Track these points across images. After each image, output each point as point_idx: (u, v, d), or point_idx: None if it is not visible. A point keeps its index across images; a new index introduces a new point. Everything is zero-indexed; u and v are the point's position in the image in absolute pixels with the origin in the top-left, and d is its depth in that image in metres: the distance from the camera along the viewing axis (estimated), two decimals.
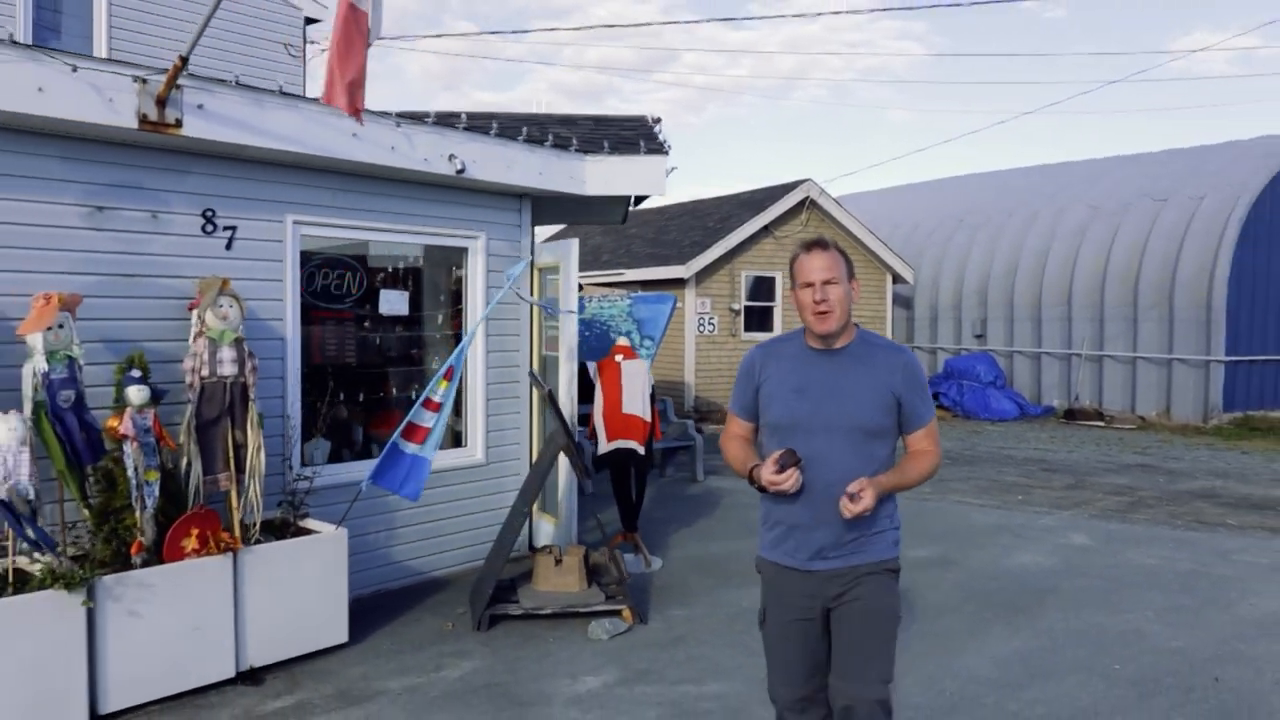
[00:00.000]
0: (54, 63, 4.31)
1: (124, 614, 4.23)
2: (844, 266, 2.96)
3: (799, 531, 2.96)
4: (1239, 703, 4.51)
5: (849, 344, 2.99)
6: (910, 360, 3.00)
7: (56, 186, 4.64)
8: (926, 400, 3.00)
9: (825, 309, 2.89)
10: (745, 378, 3.12)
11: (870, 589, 2.93)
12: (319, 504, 5.42)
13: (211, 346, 4.73)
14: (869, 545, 2.96)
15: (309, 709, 4.42)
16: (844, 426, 2.88)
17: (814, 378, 2.95)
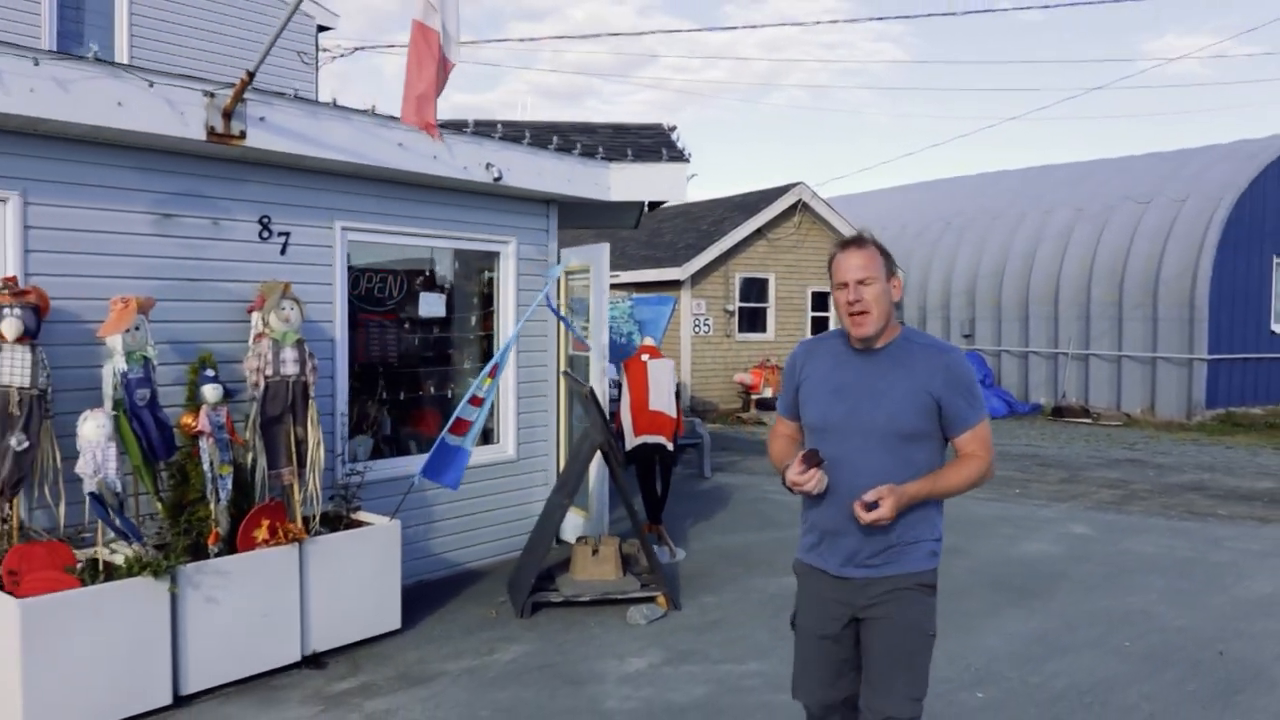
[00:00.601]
0: (132, 78, 4.54)
1: (202, 600, 4.47)
2: (882, 264, 2.83)
3: (830, 536, 2.88)
4: (1243, 674, 4.84)
5: (890, 343, 2.86)
6: (954, 360, 2.83)
7: (128, 195, 4.87)
8: (974, 402, 2.83)
9: (860, 309, 2.78)
10: (788, 376, 3.05)
11: (901, 605, 2.81)
12: (366, 497, 5.66)
13: (275, 347, 4.97)
14: (902, 556, 2.83)
15: (374, 690, 4.67)
16: (879, 430, 2.77)
17: (851, 378, 2.85)
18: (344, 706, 4.46)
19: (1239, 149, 17.24)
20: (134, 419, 4.54)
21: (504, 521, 6.92)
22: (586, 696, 4.59)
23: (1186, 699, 4.53)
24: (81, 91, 4.36)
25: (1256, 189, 16.25)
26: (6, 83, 4.13)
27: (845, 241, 2.89)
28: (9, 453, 4.24)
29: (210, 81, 4.85)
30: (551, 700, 4.55)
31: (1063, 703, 4.48)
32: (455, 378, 7.03)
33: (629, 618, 5.69)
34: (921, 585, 2.84)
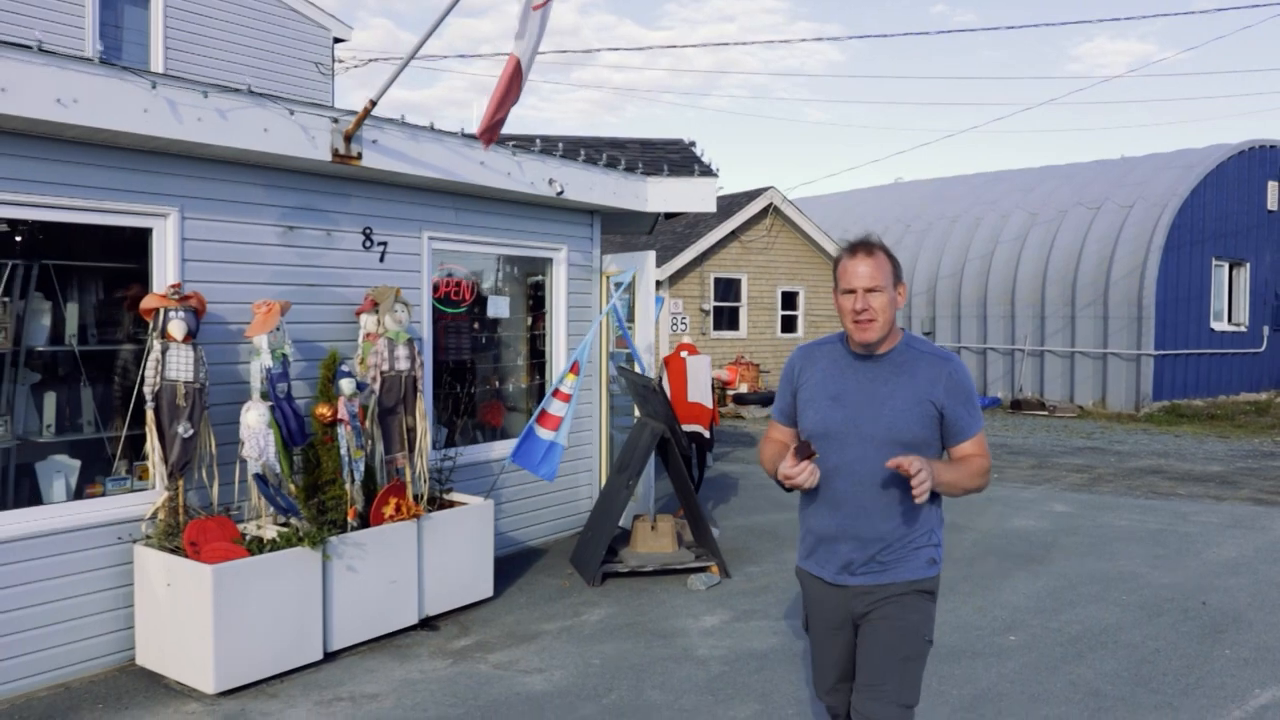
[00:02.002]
0: (276, 107, 5.12)
1: (344, 569, 5.07)
2: (890, 271, 2.77)
3: (826, 543, 2.85)
4: (1224, 618, 5.73)
5: (891, 350, 2.82)
6: (956, 369, 2.80)
7: (259, 210, 5.44)
8: (973, 411, 2.80)
9: (867, 318, 2.73)
10: (785, 381, 2.99)
11: (900, 607, 2.78)
12: (453, 479, 6.29)
13: (390, 345, 5.59)
14: (901, 563, 2.79)
15: (489, 646, 5.32)
16: (879, 437, 2.72)
17: (851, 385, 2.80)
18: (469, 660, 5.11)
19: (1180, 158, 18.54)
20: (276, 410, 5.12)
21: (557, 504, 7.59)
22: (678, 646, 5.29)
23: (1182, 637, 5.39)
24: (237, 119, 4.94)
25: (1197, 196, 17.53)
26: (180, 113, 4.69)
27: (854, 246, 2.79)
28: (177, 439, 4.80)
29: (339, 109, 5.44)
30: (649, 650, 5.24)
31: (1082, 642, 5.31)
32: (513, 372, 7.67)
33: (689, 584, 6.41)
34: (921, 591, 2.79)
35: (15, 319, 4.81)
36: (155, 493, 4.95)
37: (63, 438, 4.99)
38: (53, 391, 4.99)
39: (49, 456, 4.92)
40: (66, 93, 4.28)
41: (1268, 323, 19.38)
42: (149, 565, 4.73)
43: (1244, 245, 18.72)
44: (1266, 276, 19.36)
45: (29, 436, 4.91)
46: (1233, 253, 18.55)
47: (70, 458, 4.96)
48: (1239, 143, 18.30)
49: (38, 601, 4.56)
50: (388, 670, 4.94)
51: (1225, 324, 18.65)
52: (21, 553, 4.51)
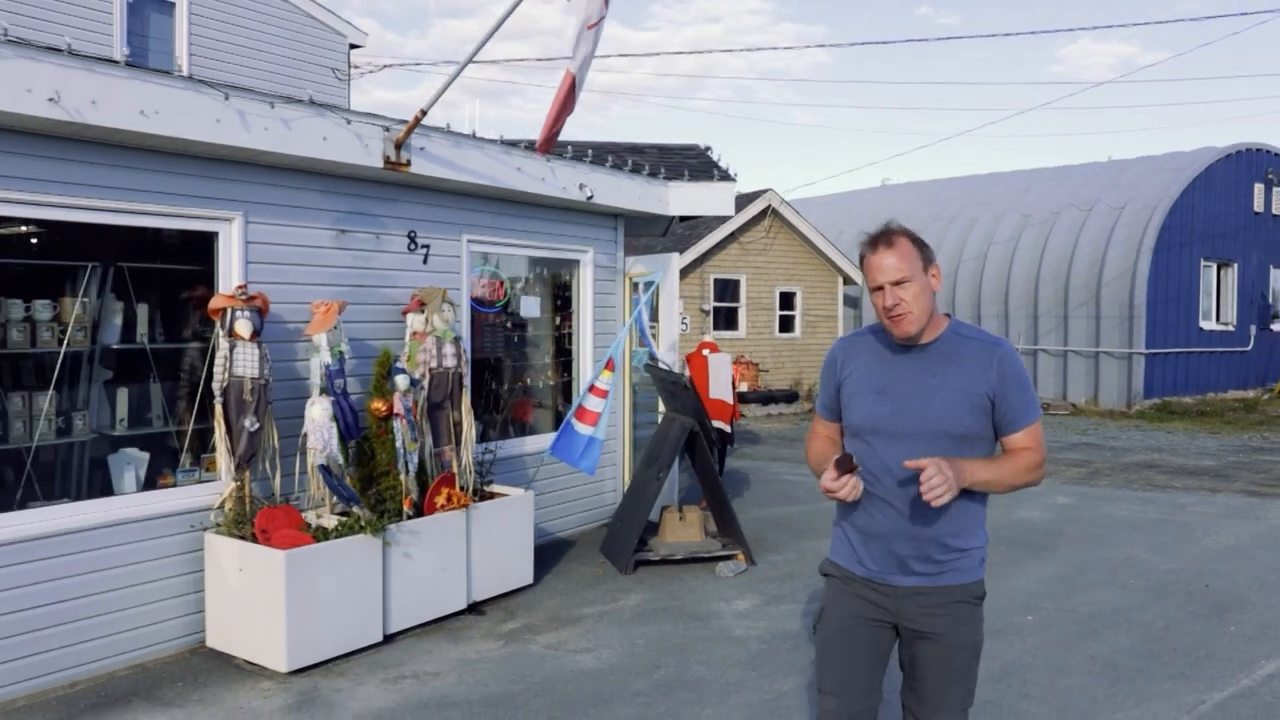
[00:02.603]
0: (334, 116, 5.39)
1: (401, 555, 5.34)
2: (917, 258, 2.62)
3: (876, 541, 2.70)
4: (1227, 599, 6.07)
5: (937, 338, 2.68)
6: (1007, 354, 2.65)
7: (315, 214, 5.70)
8: (1027, 398, 2.65)
9: (900, 312, 2.60)
10: (828, 375, 2.86)
11: (956, 620, 2.67)
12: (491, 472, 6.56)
13: (437, 343, 5.86)
14: (956, 566, 2.67)
15: (536, 629, 5.59)
16: (929, 431, 2.59)
17: (896, 377, 2.68)
18: (520, 641, 5.39)
19: (1170, 161, 18.96)
20: (334, 405, 5.39)
21: (584, 497, 7.87)
22: (714, 628, 5.59)
23: (1189, 616, 5.73)
24: (299, 128, 5.21)
25: (1186, 199, 17.95)
26: (249, 122, 4.96)
27: (874, 239, 2.65)
28: (244, 432, 5.06)
29: (390, 119, 5.71)
30: (687, 630, 5.53)
31: (1095, 621, 5.63)
32: (541, 370, 7.95)
33: (718, 571, 6.70)
34: (974, 597, 2.71)
35: (93, 319, 5.06)
36: (222, 483, 5.21)
37: (133, 432, 5.25)
38: (124, 388, 5.24)
39: (120, 449, 5.17)
40: (149, 104, 4.55)
41: (1254, 322, 19.84)
42: (220, 552, 4.99)
43: (1232, 246, 19.16)
44: (1253, 277, 19.82)
45: (102, 430, 5.16)
46: (1221, 253, 18.98)
47: (140, 450, 5.22)
48: (1227, 146, 18.75)
49: (116, 587, 4.82)
50: (444, 651, 5.22)
51: (1214, 323, 19.08)
52: (101, 540, 4.76)
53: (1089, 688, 4.61)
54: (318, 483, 5.37)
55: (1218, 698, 4.48)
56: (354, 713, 4.41)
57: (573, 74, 5.29)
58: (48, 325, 4.80)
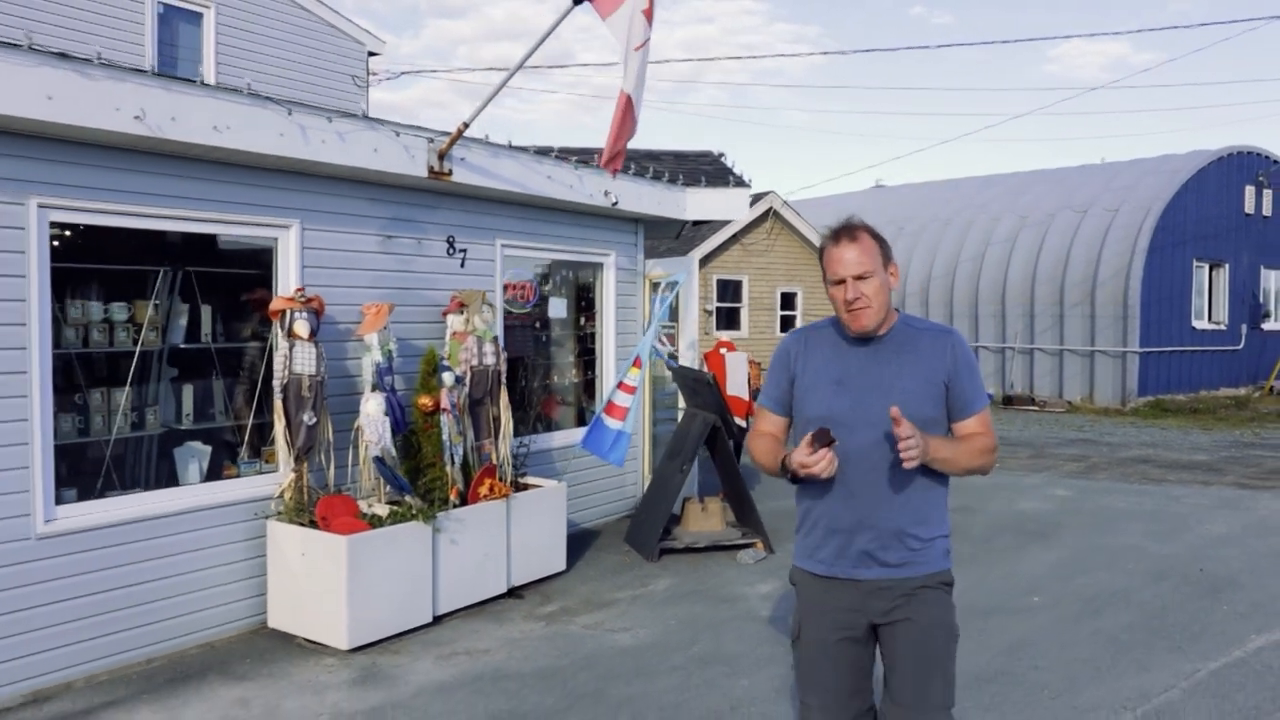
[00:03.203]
0: (384, 129, 5.74)
1: (448, 542, 5.69)
2: (878, 254, 2.67)
3: (839, 536, 2.70)
4: (1221, 581, 6.45)
5: (890, 330, 2.73)
6: (958, 341, 2.74)
7: (363, 221, 6.05)
8: (977, 384, 2.73)
9: (861, 306, 2.64)
10: (780, 367, 2.86)
11: (924, 606, 2.67)
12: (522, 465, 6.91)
13: (478, 342, 6.21)
14: (921, 556, 2.69)
15: (573, 611, 5.95)
16: (889, 421, 2.55)
17: (854, 369, 2.71)
18: (559, 622, 5.74)
19: (1163, 164, 19.39)
20: (386, 400, 5.73)
21: (607, 490, 8.23)
22: (741, 609, 5.95)
23: (1185, 597, 6.11)
24: (353, 141, 5.55)
25: (1179, 200, 18.37)
26: (308, 135, 5.30)
27: (836, 232, 2.71)
28: (302, 426, 5.41)
29: (434, 130, 6.06)
30: (716, 612, 5.89)
31: (1098, 601, 6.01)
32: (566, 368, 8.30)
33: (739, 559, 7.06)
34: (942, 583, 2.73)
35: (163, 320, 5.39)
36: (281, 474, 5.55)
37: (198, 426, 5.58)
38: (189, 384, 5.58)
39: (185, 443, 5.51)
40: (221, 120, 4.89)
41: (1245, 321, 20.27)
42: (281, 538, 5.34)
43: (1223, 247, 19.59)
44: (1244, 277, 20.26)
45: (170, 425, 5.49)
46: (1213, 254, 19.41)
47: (203, 444, 5.56)
48: (1219, 149, 19.18)
49: (185, 571, 5.15)
50: (490, 631, 5.57)
51: (1206, 322, 19.51)
52: (173, 527, 5.10)
53: (1094, 659, 4.99)
54: (369, 473, 5.71)
55: (1212, 667, 4.86)
56: (415, 686, 4.76)
57: (628, 95, 5.63)
58: (123, 326, 5.14)
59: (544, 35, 5.70)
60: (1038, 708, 4.39)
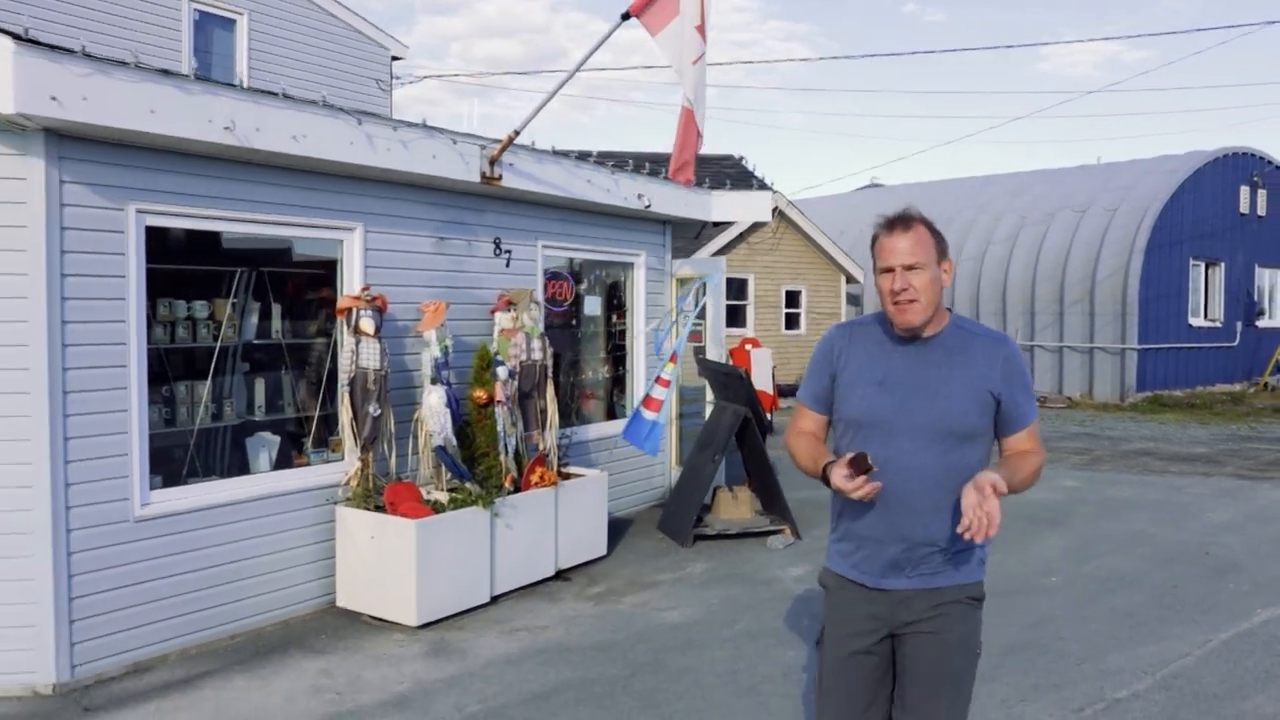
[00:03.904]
0: (442, 138, 6.08)
1: (504, 526, 6.04)
2: (933, 246, 2.56)
3: (871, 544, 2.62)
4: (1226, 564, 6.84)
5: (940, 332, 2.62)
6: (1012, 351, 2.62)
7: (419, 224, 6.39)
8: (1029, 397, 2.62)
9: (908, 299, 2.52)
10: (822, 363, 2.74)
11: (949, 623, 2.59)
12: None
13: (526, 339, 6.56)
14: (952, 566, 2.60)
15: (619, 592, 6.30)
16: (932, 428, 2.52)
17: (899, 370, 2.60)
18: (608, 602, 6.10)
19: (1161, 164, 19.81)
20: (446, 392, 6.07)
21: (636, 480, 8.59)
22: (777, 590, 6.31)
23: (1194, 578, 6.49)
24: (415, 148, 5.89)
25: (1176, 200, 18.79)
26: (375, 143, 5.65)
27: (891, 221, 2.60)
28: (368, 418, 5.75)
29: (486, 138, 6.40)
30: (754, 592, 6.26)
31: (1112, 581, 6.39)
32: (599, 364, 8.66)
33: (769, 544, 7.43)
34: (971, 599, 2.63)
35: (238, 317, 5.73)
36: (347, 463, 5.89)
37: (269, 417, 5.92)
38: (260, 378, 5.92)
39: (257, 433, 5.85)
40: (299, 130, 5.23)
41: (1240, 319, 20.71)
42: (350, 522, 5.68)
43: (1219, 246, 20.02)
44: (1239, 275, 20.69)
45: (244, 416, 5.83)
46: (1209, 253, 19.84)
47: (272, 434, 5.90)
48: (1215, 149, 19.60)
49: (262, 553, 5.49)
50: (544, 609, 5.92)
51: (1202, 320, 19.94)
52: (250, 512, 5.44)
53: (1113, 631, 5.37)
54: (429, 462, 6.06)
55: (1222, 637, 5.25)
56: (485, 658, 5.11)
57: (689, 109, 5.98)
58: (204, 323, 5.48)
59: (593, 48, 6.05)
60: (1066, 671, 4.77)
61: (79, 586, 4.66)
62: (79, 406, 4.64)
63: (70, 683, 4.63)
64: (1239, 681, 4.65)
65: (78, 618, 4.66)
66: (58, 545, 4.57)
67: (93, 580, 4.71)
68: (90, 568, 4.70)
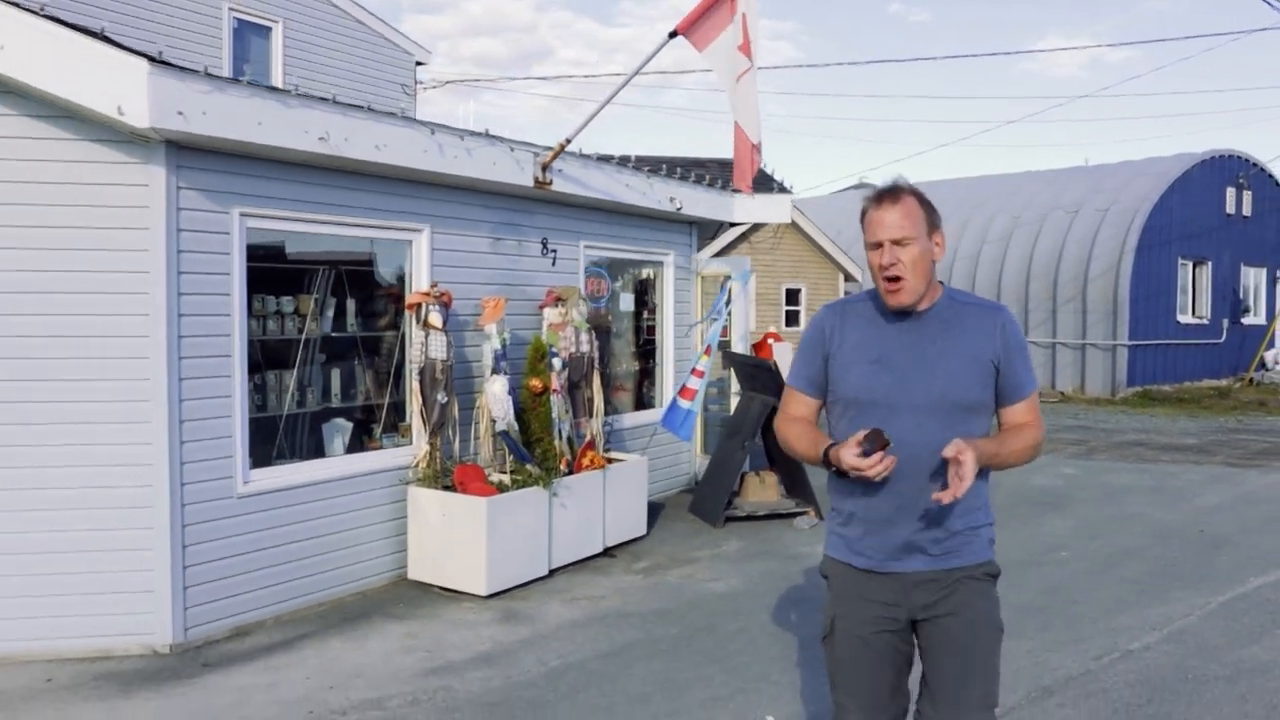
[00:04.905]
0: (501, 145, 6.57)
1: (559, 506, 6.54)
2: (923, 218, 2.50)
3: (878, 527, 2.54)
4: (1219, 540, 7.41)
5: (933, 306, 2.56)
6: (1008, 319, 2.57)
7: (477, 225, 6.87)
8: (1028, 366, 2.58)
9: (895, 274, 2.46)
10: (813, 345, 2.66)
11: (968, 599, 2.54)
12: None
13: (575, 333, 7.05)
14: (964, 547, 2.55)
15: (663, 567, 6.81)
16: (934, 403, 2.47)
17: (894, 346, 2.54)
18: (655, 575, 6.60)
19: (1150, 166, 20.44)
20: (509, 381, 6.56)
21: (665, 467, 9.09)
22: (809, 564, 6.83)
23: (1191, 552, 7.06)
24: (478, 155, 6.38)
25: (1165, 201, 19.42)
26: (445, 151, 6.13)
27: (879, 194, 2.53)
28: (436, 405, 6.24)
29: (538, 145, 6.89)
30: (788, 566, 6.78)
31: (1116, 556, 6.95)
32: (631, 357, 9.16)
33: (795, 524, 7.95)
34: (987, 575, 2.59)
35: (319, 311, 6.21)
36: (416, 447, 6.37)
37: (344, 404, 6.40)
38: (335, 368, 6.39)
39: (333, 419, 6.32)
40: (381, 140, 5.71)
41: (1227, 316, 21.38)
42: (422, 500, 6.16)
43: (1206, 246, 20.68)
44: (1225, 274, 21.36)
45: (323, 403, 6.31)
46: (1196, 252, 20.49)
47: (345, 419, 6.38)
48: (1203, 152, 20.25)
49: (342, 529, 5.97)
50: (598, 581, 6.42)
51: (1190, 317, 20.59)
52: (333, 491, 5.92)
53: (1122, 596, 5.92)
54: (490, 445, 6.55)
55: (1220, 600, 5.81)
56: (553, 623, 5.61)
57: (739, 123, 6.45)
58: (290, 317, 5.95)
59: (639, 66, 6.55)
60: (1083, 628, 5.31)
61: (190, 556, 5.13)
62: (192, 392, 5.11)
63: (184, 643, 5.10)
64: (1237, 635, 5.21)
65: (190, 584, 5.13)
66: (174, 518, 5.04)
67: (202, 550, 5.19)
68: (200, 539, 5.17)
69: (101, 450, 4.95)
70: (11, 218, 4.85)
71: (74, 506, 4.93)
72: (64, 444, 4.92)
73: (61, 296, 4.91)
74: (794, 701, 4.44)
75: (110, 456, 4.96)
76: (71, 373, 4.91)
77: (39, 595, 4.92)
